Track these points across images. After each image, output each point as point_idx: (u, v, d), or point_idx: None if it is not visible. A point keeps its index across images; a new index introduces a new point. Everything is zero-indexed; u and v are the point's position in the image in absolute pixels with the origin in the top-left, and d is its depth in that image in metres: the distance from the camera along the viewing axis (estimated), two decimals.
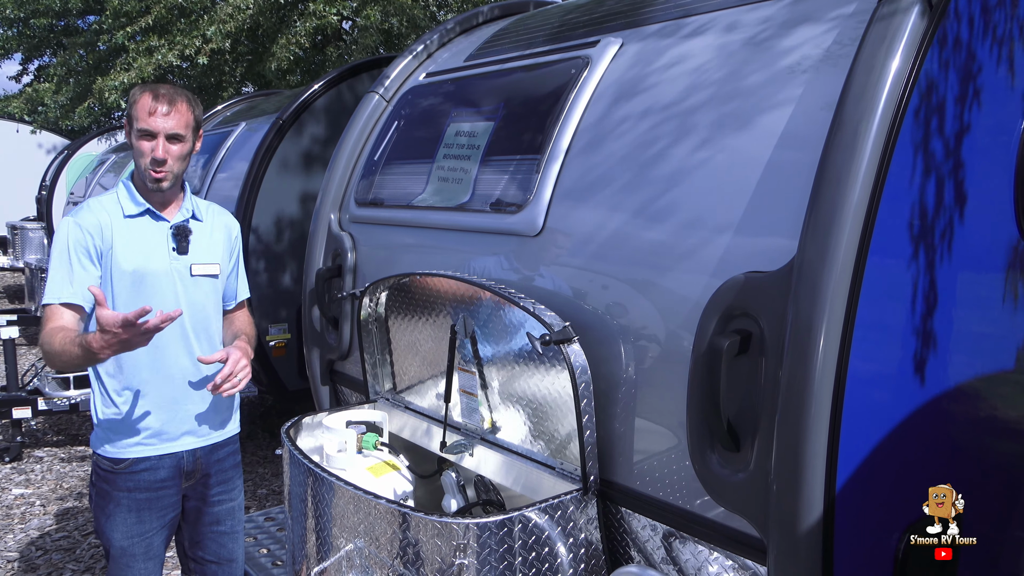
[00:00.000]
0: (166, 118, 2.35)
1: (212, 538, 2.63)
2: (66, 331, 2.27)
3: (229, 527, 2.66)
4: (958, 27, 1.78)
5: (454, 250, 2.77)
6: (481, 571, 2.02)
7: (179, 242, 2.48)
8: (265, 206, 5.19)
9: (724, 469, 1.86)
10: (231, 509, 2.66)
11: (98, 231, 2.38)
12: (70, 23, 13.22)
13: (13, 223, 12.72)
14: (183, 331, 2.46)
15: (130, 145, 2.41)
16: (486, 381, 2.52)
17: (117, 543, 2.45)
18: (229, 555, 2.67)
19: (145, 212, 2.45)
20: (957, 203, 1.81)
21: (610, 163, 2.31)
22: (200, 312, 2.51)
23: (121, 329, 2.08)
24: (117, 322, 2.07)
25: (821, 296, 1.65)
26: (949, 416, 1.89)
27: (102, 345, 2.12)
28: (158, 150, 2.36)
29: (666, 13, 2.57)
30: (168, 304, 2.40)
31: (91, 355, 2.18)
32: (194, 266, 2.50)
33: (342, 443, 2.66)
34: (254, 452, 5.78)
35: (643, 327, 2.12)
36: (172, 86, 2.43)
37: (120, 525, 2.45)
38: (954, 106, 1.80)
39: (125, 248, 2.40)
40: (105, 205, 2.45)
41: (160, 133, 2.35)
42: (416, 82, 3.42)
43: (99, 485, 2.48)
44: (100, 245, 2.38)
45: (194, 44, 8.76)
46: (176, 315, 2.13)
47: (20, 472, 5.54)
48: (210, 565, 2.66)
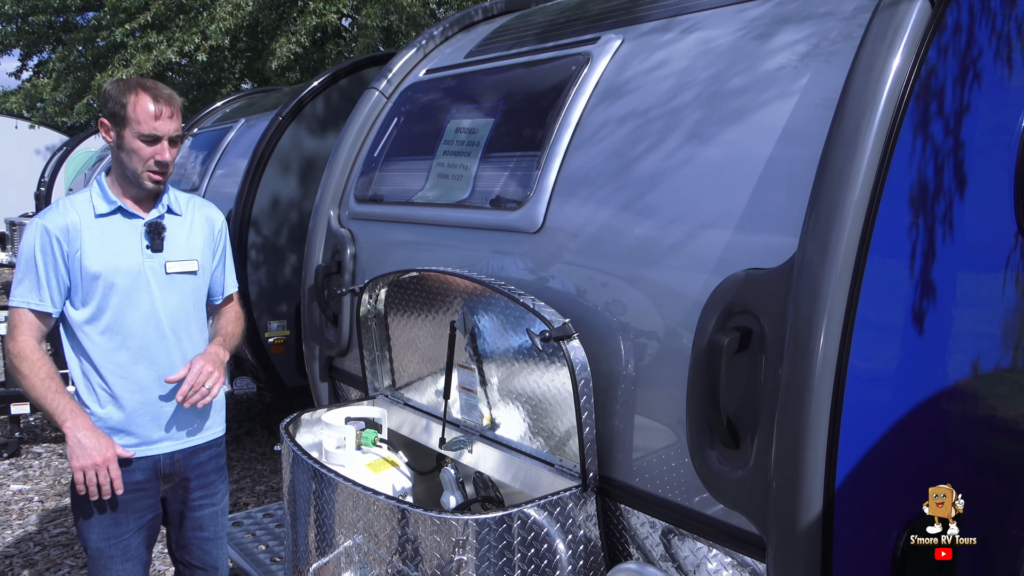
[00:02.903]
0: (170, 121, 2.34)
1: (196, 544, 2.61)
2: (42, 363, 2.32)
3: (212, 533, 2.62)
4: (960, 22, 1.78)
5: (454, 247, 2.77)
6: (480, 567, 2.02)
7: (153, 239, 2.41)
8: (264, 202, 5.18)
9: (723, 466, 1.86)
10: (213, 514, 2.61)
11: (65, 234, 2.32)
12: (69, 19, 13.20)
13: (12, 219, 12.71)
14: (161, 333, 2.41)
15: (117, 145, 2.35)
16: (485, 378, 2.52)
17: (94, 544, 2.42)
18: (213, 562, 2.64)
19: (117, 210, 2.39)
20: (958, 201, 1.81)
21: (610, 160, 2.30)
22: (179, 311, 2.45)
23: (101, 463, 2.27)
24: (110, 462, 2.28)
25: (821, 293, 1.65)
26: (949, 415, 1.89)
27: (74, 449, 2.26)
28: (164, 154, 2.34)
29: (666, 10, 2.57)
30: (142, 305, 2.37)
31: (52, 417, 2.31)
32: (168, 263, 2.43)
33: (341, 439, 2.66)
34: (252, 448, 5.78)
35: (643, 324, 2.12)
36: (162, 85, 2.40)
37: (96, 526, 2.40)
38: (955, 103, 1.79)
39: (94, 249, 2.34)
40: (76, 205, 2.38)
41: (165, 137, 2.33)
42: (416, 78, 3.42)
43: (76, 487, 2.43)
44: (67, 248, 2.32)
45: (193, 41, 8.75)
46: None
47: (18, 468, 5.54)
48: (196, 571, 2.64)
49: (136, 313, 2.38)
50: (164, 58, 8.79)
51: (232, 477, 5.28)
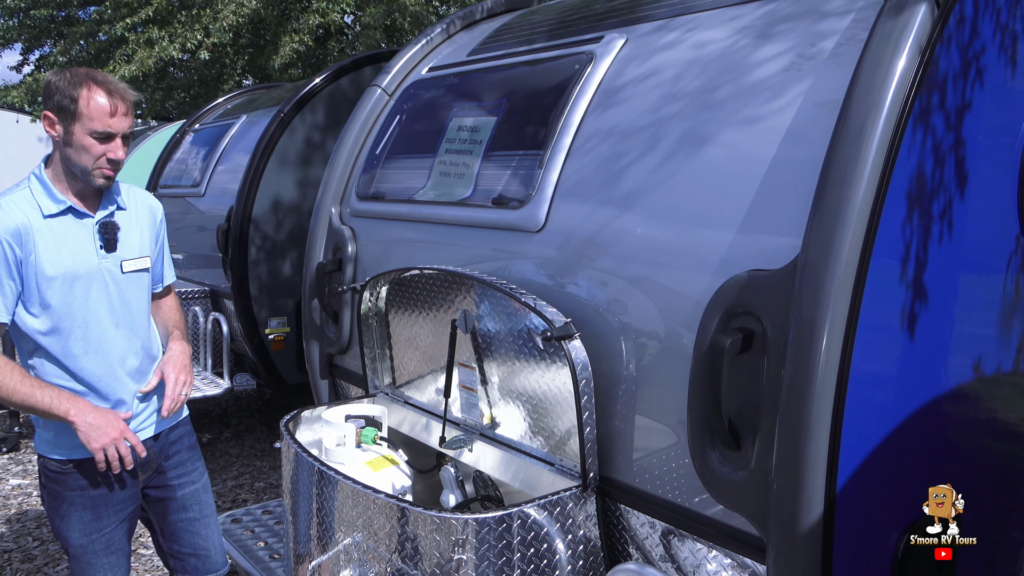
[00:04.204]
0: (124, 118, 2.27)
1: (183, 527, 2.57)
2: (11, 365, 2.21)
3: (197, 512, 2.59)
4: (964, 22, 1.78)
5: (455, 245, 2.77)
6: (479, 567, 2.02)
7: (107, 239, 2.35)
8: (265, 199, 5.18)
9: (724, 467, 1.85)
10: (195, 492, 2.59)
11: (17, 238, 2.21)
12: (71, 13, 13.19)
13: None
14: (121, 331, 2.39)
15: (64, 141, 2.24)
16: (486, 377, 2.52)
17: (76, 542, 2.38)
18: (204, 543, 2.61)
19: (67, 210, 2.30)
20: (961, 203, 1.81)
21: (613, 159, 2.30)
22: (135, 309, 2.43)
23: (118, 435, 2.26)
24: (125, 432, 2.28)
25: (824, 295, 1.64)
26: (950, 416, 1.89)
27: (88, 432, 2.23)
28: (118, 152, 2.26)
29: (670, 9, 2.57)
30: (101, 307, 2.33)
31: (49, 413, 2.23)
32: (124, 263, 2.39)
33: (341, 437, 2.66)
34: (252, 445, 5.78)
35: (645, 324, 2.12)
36: (117, 82, 2.30)
37: (77, 524, 2.37)
38: (960, 104, 1.79)
39: (49, 252, 2.25)
40: (20, 205, 2.25)
41: (119, 134, 2.26)
42: (419, 76, 3.41)
43: (49, 487, 2.39)
44: (20, 254, 2.21)
45: (195, 37, 8.73)
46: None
47: (17, 462, 5.54)
48: (189, 559, 2.60)
49: (91, 313, 2.33)
50: (166, 55, 8.78)
51: (231, 474, 5.29)
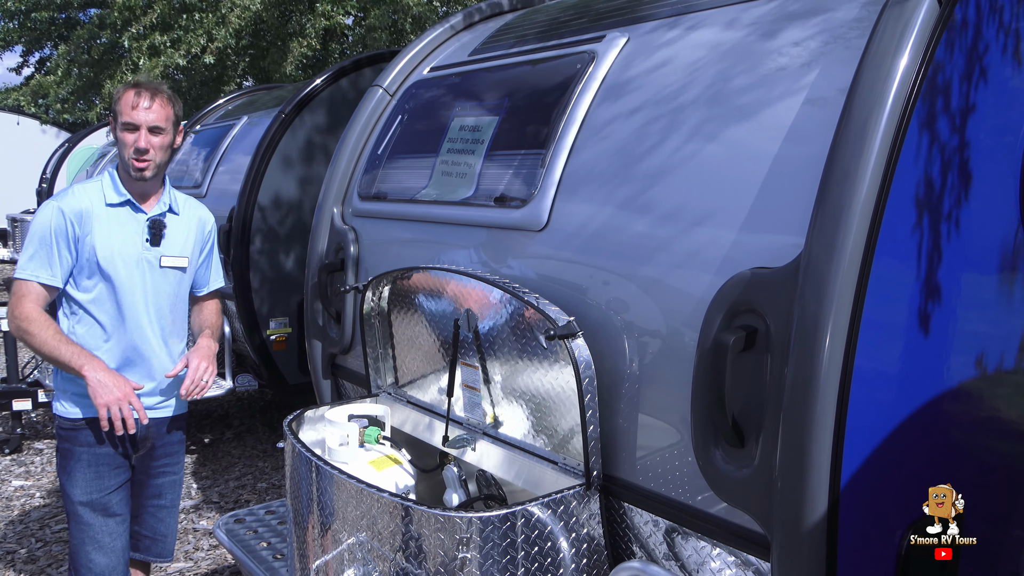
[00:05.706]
0: (147, 111, 2.58)
1: (151, 512, 2.86)
2: (48, 322, 2.55)
3: (169, 501, 2.90)
4: (968, 20, 1.78)
5: (457, 244, 2.77)
6: (483, 565, 2.02)
7: (153, 235, 2.70)
8: (267, 200, 5.18)
9: (728, 465, 1.85)
10: (173, 483, 2.90)
11: (79, 218, 2.59)
12: (71, 16, 13.19)
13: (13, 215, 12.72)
14: (147, 313, 2.70)
15: (115, 139, 2.64)
16: (489, 376, 2.52)
17: (76, 498, 2.65)
18: (164, 530, 2.91)
19: (126, 203, 2.67)
20: (965, 200, 1.81)
21: (615, 158, 2.30)
22: (164, 299, 2.75)
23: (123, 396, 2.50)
24: (130, 395, 2.52)
25: (828, 293, 1.64)
26: (952, 415, 1.89)
27: (96, 388, 2.48)
28: (140, 140, 2.57)
29: (671, 8, 2.57)
30: (135, 288, 2.67)
31: (68, 365, 2.51)
32: (164, 258, 2.73)
33: (344, 437, 2.66)
34: (254, 446, 5.78)
35: (648, 322, 2.12)
36: (153, 82, 2.67)
37: (80, 481, 2.65)
38: (962, 102, 1.79)
39: (102, 235, 2.62)
40: (89, 192, 2.66)
41: (142, 125, 2.57)
42: (420, 76, 3.41)
43: (61, 446, 2.70)
44: (78, 232, 2.59)
45: (199, 42, 8.74)
46: None
47: (20, 464, 5.55)
48: (145, 540, 2.86)
49: (125, 293, 2.65)
50: (172, 63, 8.81)
51: (234, 474, 5.29)
